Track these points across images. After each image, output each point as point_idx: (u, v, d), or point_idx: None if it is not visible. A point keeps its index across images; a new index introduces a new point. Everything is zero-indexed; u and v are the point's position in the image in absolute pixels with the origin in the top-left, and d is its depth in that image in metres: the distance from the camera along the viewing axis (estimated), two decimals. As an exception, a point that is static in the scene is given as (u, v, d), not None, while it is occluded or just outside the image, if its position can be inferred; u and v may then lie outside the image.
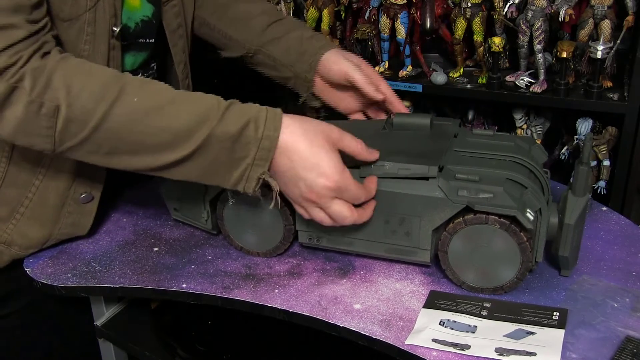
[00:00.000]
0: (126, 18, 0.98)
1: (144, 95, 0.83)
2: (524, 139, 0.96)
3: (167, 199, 1.08)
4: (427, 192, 0.87)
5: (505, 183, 0.86)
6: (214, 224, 1.02)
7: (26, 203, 0.99)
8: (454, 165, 0.89)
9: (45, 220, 1.01)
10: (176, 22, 1.08)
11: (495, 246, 0.86)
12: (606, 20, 1.52)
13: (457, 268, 0.90)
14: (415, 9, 1.68)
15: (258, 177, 0.85)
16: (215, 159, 0.84)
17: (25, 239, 1.01)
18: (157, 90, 0.85)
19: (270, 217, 0.96)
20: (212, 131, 0.82)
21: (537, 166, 0.92)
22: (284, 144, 0.84)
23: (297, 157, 0.85)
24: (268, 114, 0.85)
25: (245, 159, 0.84)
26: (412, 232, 0.90)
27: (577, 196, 0.87)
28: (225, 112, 0.84)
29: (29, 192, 0.98)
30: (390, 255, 0.93)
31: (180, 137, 0.83)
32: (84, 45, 0.92)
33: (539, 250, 0.89)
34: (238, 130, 0.83)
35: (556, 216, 0.89)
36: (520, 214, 0.82)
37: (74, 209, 1.01)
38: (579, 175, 0.87)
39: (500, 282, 0.88)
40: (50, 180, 0.98)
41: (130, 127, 0.82)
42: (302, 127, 0.86)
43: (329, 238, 0.95)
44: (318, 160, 0.85)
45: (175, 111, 0.83)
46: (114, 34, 0.95)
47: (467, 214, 0.86)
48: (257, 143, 0.84)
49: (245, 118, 0.84)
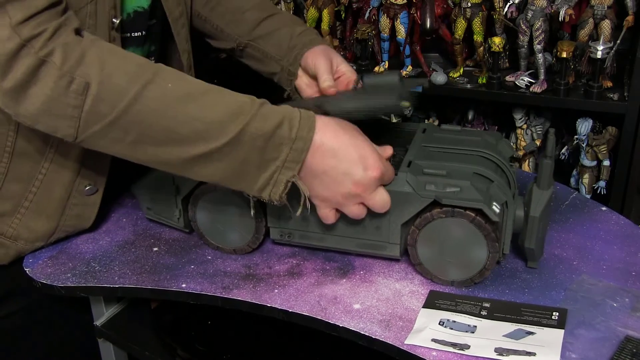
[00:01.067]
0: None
1: (179, 82, 0.82)
2: (491, 134, 0.99)
3: (139, 198, 1.08)
4: (396, 187, 0.88)
5: (473, 177, 0.87)
6: (187, 222, 1.03)
7: (30, 197, 0.99)
8: (422, 160, 0.91)
9: (51, 213, 1.01)
10: (178, 10, 1.07)
11: (463, 239, 0.87)
12: (606, 20, 1.53)
13: (427, 262, 0.91)
14: (415, 9, 1.68)
15: (287, 180, 0.83)
16: (245, 159, 0.82)
17: (32, 233, 1.01)
18: (191, 80, 0.84)
19: (241, 215, 0.97)
20: (246, 126, 0.80)
21: (504, 160, 0.94)
22: (325, 143, 0.83)
23: (342, 153, 0.83)
24: (302, 114, 0.83)
25: (275, 161, 0.82)
26: (382, 226, 0.91)
27: (541, 189, 0.89)
28: (260, 108, 0.82)
29: (32, 187, 0.98)
30: (361, 250, 0.95)
31: (212, 129, 0.80)
32: None
33: (506, 242, 0.91)
34: (272, 128, 0.81)
35: (522, 209, 0.91)
36: (487, 207, 0.84)
37: (78, 201, 1.02)
38: (543, 168, 0.89)
39: (469, 273, 0.90)
40: (54, 174, 0.98)
41: (161, 112, 0.79)
42: (337, 123, 0.85)
43: (301, 234, 0.96)
44: (363, 153, 0.84)
45: (209, 102, 0.81)
46: (113, 25, 0.94)
47: (434, 208, 0.87)
48: (290, 144, 0.81)
49: (280, 117, 0.82)
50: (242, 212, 0.97)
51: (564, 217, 1.06)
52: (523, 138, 1.75)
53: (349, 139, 0.85)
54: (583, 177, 1.67)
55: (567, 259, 0.96)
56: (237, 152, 0.81)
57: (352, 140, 0.85)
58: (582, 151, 1.65)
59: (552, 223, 1.03)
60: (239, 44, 1.16)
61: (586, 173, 1.67)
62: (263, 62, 1.15)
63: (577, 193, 1.13)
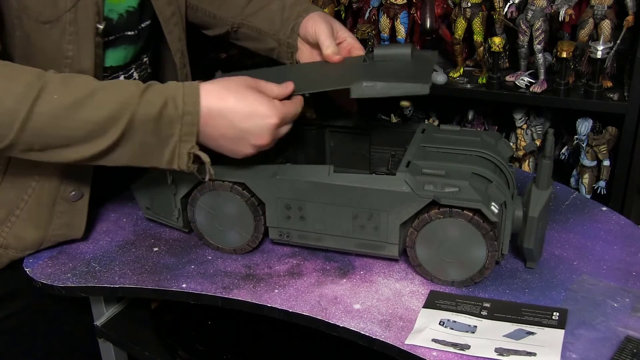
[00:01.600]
0: (107, 10, 0.98)
1: (65, 90, 0.84)
2: (490, 134, 0.98)
3: (138, 198, 1.08)
4: (394, 187, 0.88)
5: (471, 177, 0.87)
6: (186, 222, 1.03)
7: (22, 205, 0.99)
8: (421, 160, 0.91)
9: (38, 222, 1.00)
10: (169, 10, 1.08)
11: (461, 239, 0.88)
12: (606, 20, 1.52)
13: (426, 263, 0.91)
14: (415, 9, 1.68)
15: (187, 152, 0.86)
16: (143, 142, 0.86)
17: (21, 242, 1.01)
18: (77, 84, 0.85)
19: (240, 214, 0.97)
20: (133, 115, 0.84)
21: (503, 160, 0.94)
22: (212, 110, 0.86)
23: (232, 114, 0.86)
24: (185, 90, 0.86)
25: (172, 137, 0.86)
26: (381, 226, 0.91)
27: (540, 189, 0.89)
28: (143, 95, 0.85)
29: (24, 194, 0.98)
30: (360, 250, 0.95)
31: (104, 126, 0.84)
32: (67, 45, 0.93)
33: (505, 242, 0.91)
34: (158, 110, 0.84)
35: (521, 209, 0.91)
36: (485, 207, 0.84)
37: (65, 208, 1.01)
38: (542, 168, 0.89)
39: (469, 273, 0.90)
40: (45, 181, 0.98)
41: (55, 124, 0.83)
42: (222, 85, 0.88)
43: (299, 234, 0.96)
44: (253, 107, 0.87)
45: (96, 102, 0.84)
46: (98, 31, 0.95)
47: (432, 209, 0.87)
48: (180, 120, 0.85)
49: (163, 98, 0.85)
50: (240, 211, 0.97)
51: (564, 217, 1.06)
52: (523, 138, 1.75)
53: (235, 98, 0.87)
54: (583, 177, 1.67)
55: (567, 259, 0.96)
56: (134, 138, 0.85)
57: (239, 98, 0.87)
58: (582, 151, 1.65)
59: (552, 223, 1.03)
60: (232, 25, 1.16)
61: (586, 173, 1.67)
62: (259, 40, 1.15)
63: (577, 193, 1.13)
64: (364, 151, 1.08)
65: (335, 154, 1.10)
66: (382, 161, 1.07)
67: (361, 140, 1.07)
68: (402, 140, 1.02)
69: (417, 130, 1.01)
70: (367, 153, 1.08)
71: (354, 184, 0.90)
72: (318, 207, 0.93)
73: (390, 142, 1.06)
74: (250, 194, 0.95)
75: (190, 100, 0.85)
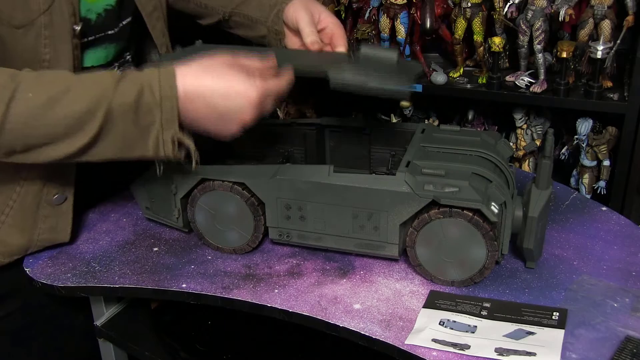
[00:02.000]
0: (85, 10, 0.97)
1: (39, 89, 0.82)
2: (490, 134, 0.99)
3: (138, 198, 1.08)
4: (394, 187, 0.88)
5: (471, 177, 0.87)
6: (185, 222, 1.03)
7: (7, 211, 0.98)
8: (421, 160, 0.91)
9: (23, 227, 1.00)
10: (151, 4, 1.07)
11: (461, 239, 0.88)
12: (606, 20, 1.52)
13: (426, 263, 0.91)
14: (415, 9, 1.67)
15: (171, 139, 0.85)
16: (124, 132, 0.84)
17: (7, 247, 1.00)
18: (51, 80, 0.84)
19: (239, 214, 0.97)
20: (110, 106, 0.82)
21: (503, 160, 0.94)
22: (190, 93, 0.84)
23: (210, 93, 0.85)
24: (161, 75, 0.84)
25: (153, 125, 0.84)
26: (380, 226, 0.91)
27: (540, 189, 0.90)
28: (118, 84, 0.83)
29: (9, 200, 0.98)
30: (360, 250, 0.95)
31: (83, 120, 0.82)
32: (44, 49, 0.92)
33: (505, 242, 0.91)
34: (134, 99, 0.83)
35: (520, 209, 0.91)
36: (485, 207, 0.84)
37: (49, 212, 1.01)
38: (542, 168, 0.89)
39: (469, 273, 0.90)
40: (30, 185, 0.98)
41: (32, 123, 0.82)
42: (200, 66, 0.86)
43: (299, 234, 0.96)
44: (230, 84, 0.85)
45: (72, 97, 0.82)
46: (75, 32, 0.94)
47: (432, 209, 0.87)
48: (159, 106, 0.84)
49: (138, 86, 0.83)
50: (240, 211, 0.97)
51: (564, 217, 1.06)
52: (523, 138, 1.75)
53: (212, 78, 0.85)
54: (583, 177, 1.67)
55: (567, 259, 0.96)
56: (114, 130, 0.84)
57: (216, 77, 0.85)
58: (582, 151, 1.65)
59: (552, 223, 1.03)
60: (224, 14, 1.16)
61: (586, 173, 1.67)
62: (251, 27, 1.15)
63: (577, 193, 1.13)
64: (364, 151, 1.08)
65: (335, 154, 1.10)
66: (382, 161, 1.07)
67: (361, 140, 1.08)
68: (402, 140, 1.02)
69: (417, 130, 1.01)
70: (367, 153, 1.08)
71: (354, 184, 0.90)
72: (318, 207, 0.93)
73: (390, 142, 1.06)
74: (250, 194, 0.95)
75: (166, 84, 0.84)
